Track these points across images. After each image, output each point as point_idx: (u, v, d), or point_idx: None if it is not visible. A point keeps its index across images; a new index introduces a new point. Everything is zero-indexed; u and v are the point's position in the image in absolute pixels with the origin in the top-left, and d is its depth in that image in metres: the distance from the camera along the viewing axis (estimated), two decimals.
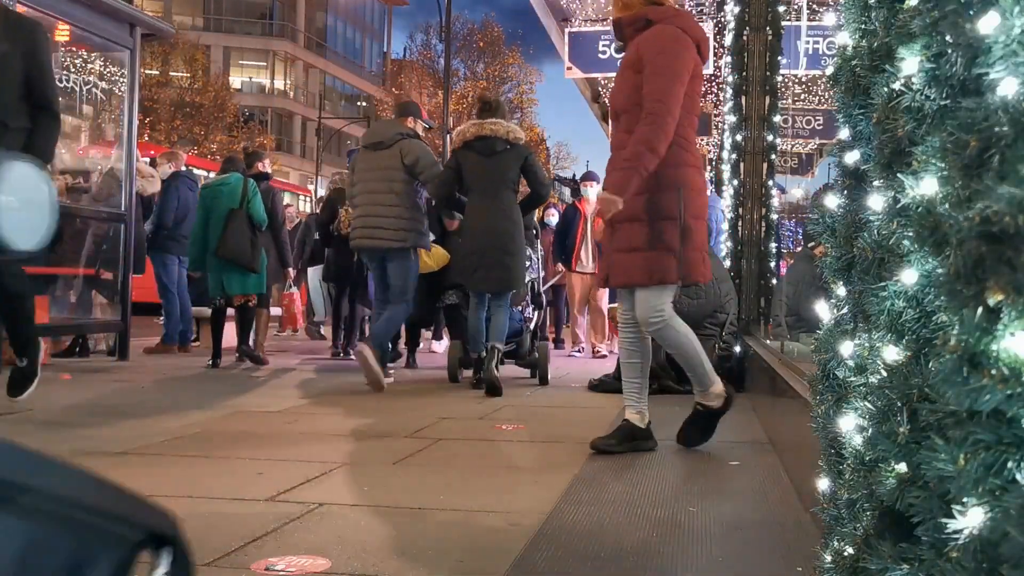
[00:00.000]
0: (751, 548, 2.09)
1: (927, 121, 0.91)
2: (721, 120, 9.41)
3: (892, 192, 1.02)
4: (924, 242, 0.87)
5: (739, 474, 2.99)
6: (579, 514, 2.36)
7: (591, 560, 1.98)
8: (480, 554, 2.01)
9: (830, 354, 1.35)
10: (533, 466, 3.06)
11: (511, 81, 37.39)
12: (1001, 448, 0.71)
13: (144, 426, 3.77)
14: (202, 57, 35.20)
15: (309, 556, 1.94)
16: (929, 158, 0.88)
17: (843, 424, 1.21)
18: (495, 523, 2.29)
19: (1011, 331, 0.68)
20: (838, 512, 1.22)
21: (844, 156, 1.33)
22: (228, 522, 2.24)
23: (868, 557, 0.98)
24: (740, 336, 5.57)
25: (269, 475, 2.79)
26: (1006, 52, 0.73)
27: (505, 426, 3.96)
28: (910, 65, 0.93)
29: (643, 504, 2.52)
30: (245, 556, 1.94)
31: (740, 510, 2.47)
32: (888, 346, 1.02)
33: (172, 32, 9.52)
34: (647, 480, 2.85)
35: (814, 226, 1.45)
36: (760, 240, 6.47)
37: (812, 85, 11.02)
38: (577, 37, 11.02)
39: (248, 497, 2.50)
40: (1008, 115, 0.71)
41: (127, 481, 2.08)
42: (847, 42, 1.30)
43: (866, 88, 1.19)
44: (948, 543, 0.77)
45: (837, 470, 1.29)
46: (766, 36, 6.42)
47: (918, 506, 0.86)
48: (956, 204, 0.77)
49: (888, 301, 1.01)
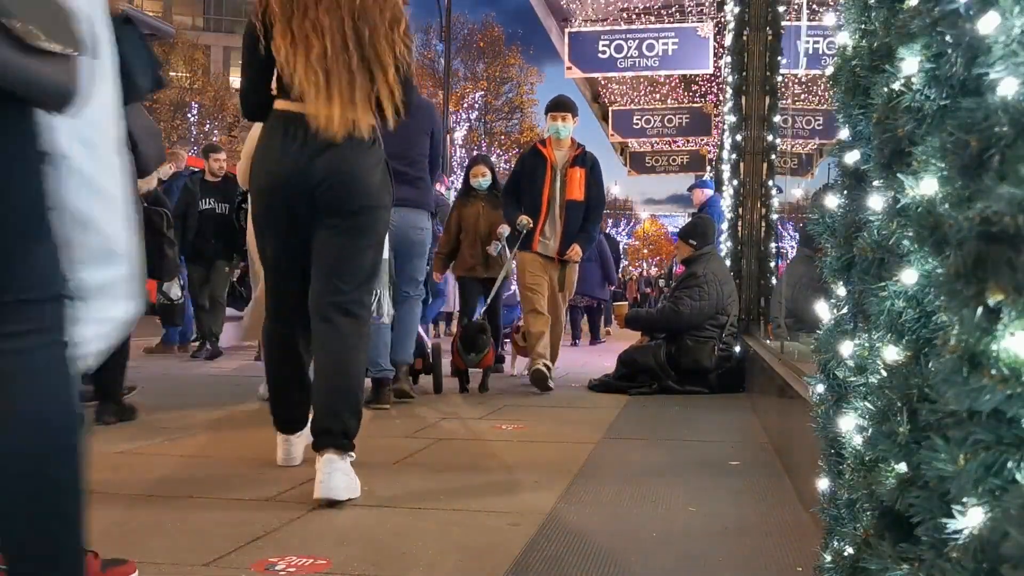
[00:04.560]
0: (751, 548, 2.09)
1: (927, 121, 0.91)
2: (721, 120, 9.41)
3: (892, 192, 1.02)
4: (924, 242, 0.87)
5: (739, 474, 2.99)
6: (579, 514, 2.36)
7: (590, 560, 1.98)
8: (480, 554, 2.01)
9: (830, 354, 1.35)
10: (533, 466, 3.06)
11: (511, 81, 37.39)
12: (1001, 448, 0.71)
13: (144, 426, 3.77)
14: (202, 57, 35.19)
15: (309, 556, 1.94)
16: (929, 158, 0.88)
17: (843, 424, 1.21)
18: (495, 523, 2.29)
19: (1011, 331, 0.68)
20: (838, 512, 1.22)
21: (844, 156, 1.33)
22: (228, 522, 2.24)
23: (868, 557, 0.98)
24: (740, 336, 5.57)
25: (269, 474, 2.79)
26: (1006, 52, 0.73)
27: (505, 426, 3.96)
28: (910, 65, 0.93)
29: (643, 504, 2.52)
30: (245, 556, 1.94)
31: (740, 510, 2.47)
32: (888, 346, 1.02)
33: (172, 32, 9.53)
34: (647, 480, 2.85)
35: (814, 226, 1.45)
36: (760, 240, 6.47)
37: (812, 85, 11.02)
38: (577, 37, 11.02)
39: (248, 497, 2.50)
40: (1008, 115, 0.71)
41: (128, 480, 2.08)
42: (847, 42, 1.30)
43: (866, 88, 1.19)
44: (948, 543, 0.77)
45: (837, 470, 1.29)
46: (766, 36, 6.42)
47: (918, 506, 0.86)
48: (956, 204, 0.77)
49: (888, 301, 1.01)
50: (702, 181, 10.62)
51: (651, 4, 11.01)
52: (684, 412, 4.60)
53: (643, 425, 4.18)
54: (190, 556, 1.93)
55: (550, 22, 11.61)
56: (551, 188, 5.57)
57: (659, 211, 62.13)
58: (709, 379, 5.35)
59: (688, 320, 5.42)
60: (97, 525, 2.20)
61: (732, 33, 7.05)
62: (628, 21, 11.13)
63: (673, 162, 16.97)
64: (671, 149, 16.89)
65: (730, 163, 7.06)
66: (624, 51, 10.80)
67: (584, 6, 11.04)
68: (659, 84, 14.15)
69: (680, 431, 4.01)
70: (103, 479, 2.69)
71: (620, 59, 10.82)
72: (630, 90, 14.55)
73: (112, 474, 2.78)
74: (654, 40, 10.73)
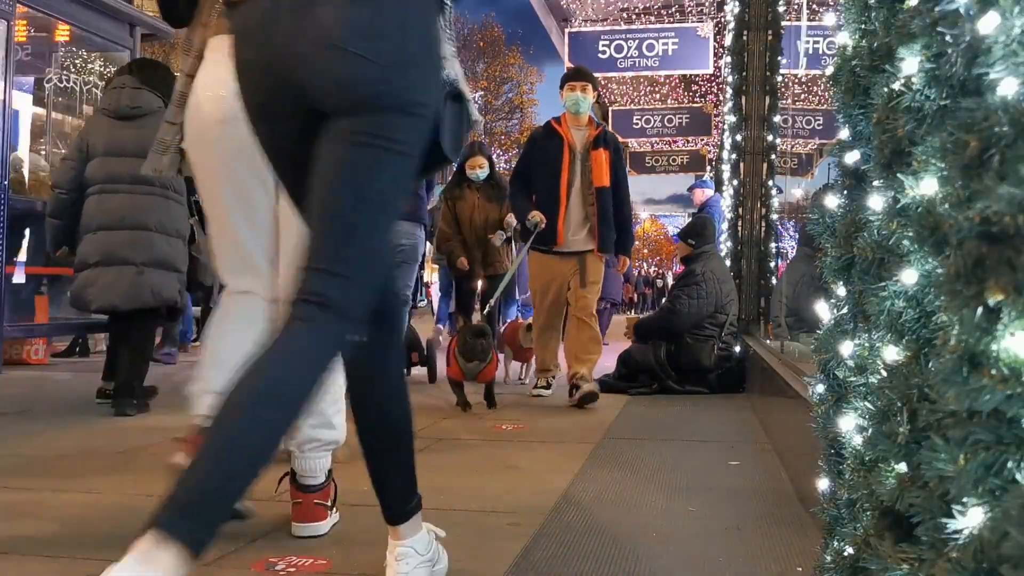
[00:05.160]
0: (751, 548, 2.09)
1: (927, 121, 0.91)
2: (721, 120, 9.41)
3: (892, 192, 1.02)
4: (924, 242, 0.87)
5: (739, 474, 2.99)
6: (579, 514, 2.36)
7: (591, 560, 1.98)
8: (480, 554, 2.01)
9: (830, 354, 1.35)
10: (533, 466, 3.06)
11: (511, 81, 37.39)
12: (1001, 448, 0.71)
13: (144, 426, 3.77)
14: None
15: (309, 556, 1.94)
16: (929, 158, 0.88)
17: (843, 424, 1.21)
18: (495, 523, 2.29)
19: (1011, 331, 0.68)
20: (838, 512, 1.22)
21: (844, 156, 1.33)
22: (228, 522, 2.24)
23: (868, 557, 0.98)
24: (740, 336, 5.57)
25: (269, 475, 2.78)
26: (1006, 52, 0.73)
27: (505, 426, 3.96)
28: (910, 65, 0.93)
29: (643, 504, 2.52)
30: (245, 556, 1.94)
31: (740, 510, 2.47)
32: (888, 346, 1.02)
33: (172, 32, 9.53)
34: (647, 480, 2.85)
35: (814, 226, 1.45)
36: (760, 240, 6.47)
37: (812, 85, 11.02)
38: (577, 37, 11.02)
39: (248, 497, 2.50)
40: (1008, 115, 0.71)
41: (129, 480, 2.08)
42: (847, 42, 1.30)
43: (866, 88, 1.19)
44: (948, 543, 0.77)
45: (837, 470, 1.29)
46: (766, 36, 6.42)
47: (918, 506, 0.86)
48: (956, 204, 0.77)
49: (888, 301, 1.01)
50: (702, 181, 10.62)
51: (651, 4, 11.01)
52: (684, 412, 4.60)
53: (643, 425, 4.18)
54: None
55: (550, 22, 11.62)
56: (570, 173, 4.79)
57: (659, 211, 62.24)
58: (709, 379, 5.35)
59: (687, 318, 5.42)
60: (97, 525, 2.21)
61: (732, 33, 7.06)
62: (628, 21, 11.14)
63: (673, 162, 16.99)
64: (671, 149, 16.91)
65: (730, 163, 7.06)
66: (624, 51, 10.81)
67: (584, 6, 11.05)
68: (659, 84, 14.16)
69: (680, 431, 4.01)
70: (103, 479, 2.69)
71: (620, 59, 10.84)
72: (630, 90, 14.57)
73: (113, 474, 2.78)
74: (654, 40, 10.74)
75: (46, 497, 2.50)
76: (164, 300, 4.11)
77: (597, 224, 4.82)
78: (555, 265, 4.87)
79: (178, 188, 4.09)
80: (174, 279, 4.15)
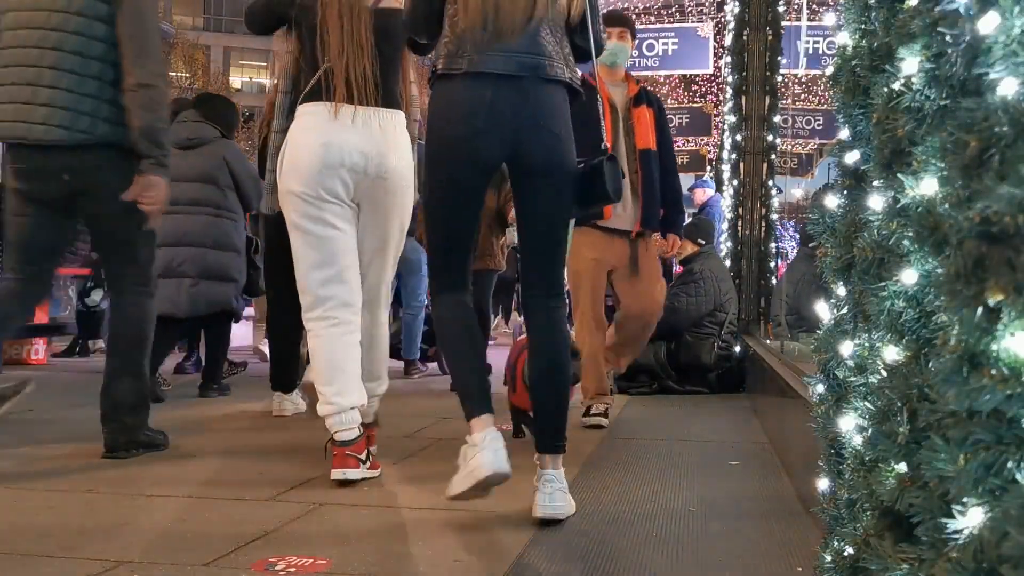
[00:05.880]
0: (751, 548, 2.09)
1: (927, 121, 0.91)
2: (721, 120, 9.41)
3: (892, 192, 1.02)
4: (924, 242, 0.87)
5: (739, 474, 2.99)
6: (579, 514, 2.36)
7: (590, 560, 1.98)
8: (480, 554, 2.01)
9: (830, 354, 1.35)
10: (533, 466, 3.05)
11: None
12: (1001, 448, 0.71)
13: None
14: (202, 57, 35.16)
15: (309, 556, 1.94)
16: (929, 158, 0.88)
17: (843, 424, 1.21)
18: (495, 523, 2.29)
19: (1011, 331, 0.68)
20: (838, 512, 1.22)
21: (844, 156, 1.33)
22: (228, 522, 2.24)
23: (868, 557, 0.98)
24: (740, 336, 5.57)
25: (269, 475, 2.79)
26: (1006, 52, 0.73)
27: (505, 426, 3.95)
28: (910, 65, 0.93)
29: (643, 504, 2.52)
30: (245, 556, 1.94)
31: (740, 510, 2.47)
32: (888, 346, 1.02)
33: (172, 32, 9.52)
34: (647, 480, 2.85)
35: (814, 226, 1.45)
36: (760, 240, 6.47)
37: (812, 85, 11.02)
38: None
39: (248, 497, 2.50)
40: (1008, 115, 0.71)
41: (129, 479, 2.09)
42: (847, 42, 1.30)
43: (866, 88, 1.20)
44: (948, 543, 0.77)
45: (837, 470, 1.29)
46: (766, 36, 6.41)
47: (918, 506, 0.86)
48: (956, 204, 0.77)
49: (888, 301, 1.01)
50: (702, 181, 10.63)
51: (651, 4, 11.01)
52: (684, 412, 4.60)
53: (643, 425, 4.17)
54: (190, 556, 1.93)
55: None
56: (614, 135, 3.90)
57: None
58: (709, 379, 5.35)
59: (686, 316, 5.42)
60: (98, 525, 2.21)
61: (732, 33, 7.05)
62: None
63: None
64: None
65: (730, 163, 7.06)
66: None
67: None
68: (659, 84, 14.15)
69: (680, 431, 4.01)
70: (104, 479, 2.70)
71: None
72: None
73: (112, 474, 2.78)
74: (654, 40, 10.74)
75: (46, 497, 2.50)
76: (218, 308, 4.71)
77: (642, 194, 4.06)
78: (602, 243, 4.08)
79: (234, 208, 4.70)
80: (230, 288, 4.72)
